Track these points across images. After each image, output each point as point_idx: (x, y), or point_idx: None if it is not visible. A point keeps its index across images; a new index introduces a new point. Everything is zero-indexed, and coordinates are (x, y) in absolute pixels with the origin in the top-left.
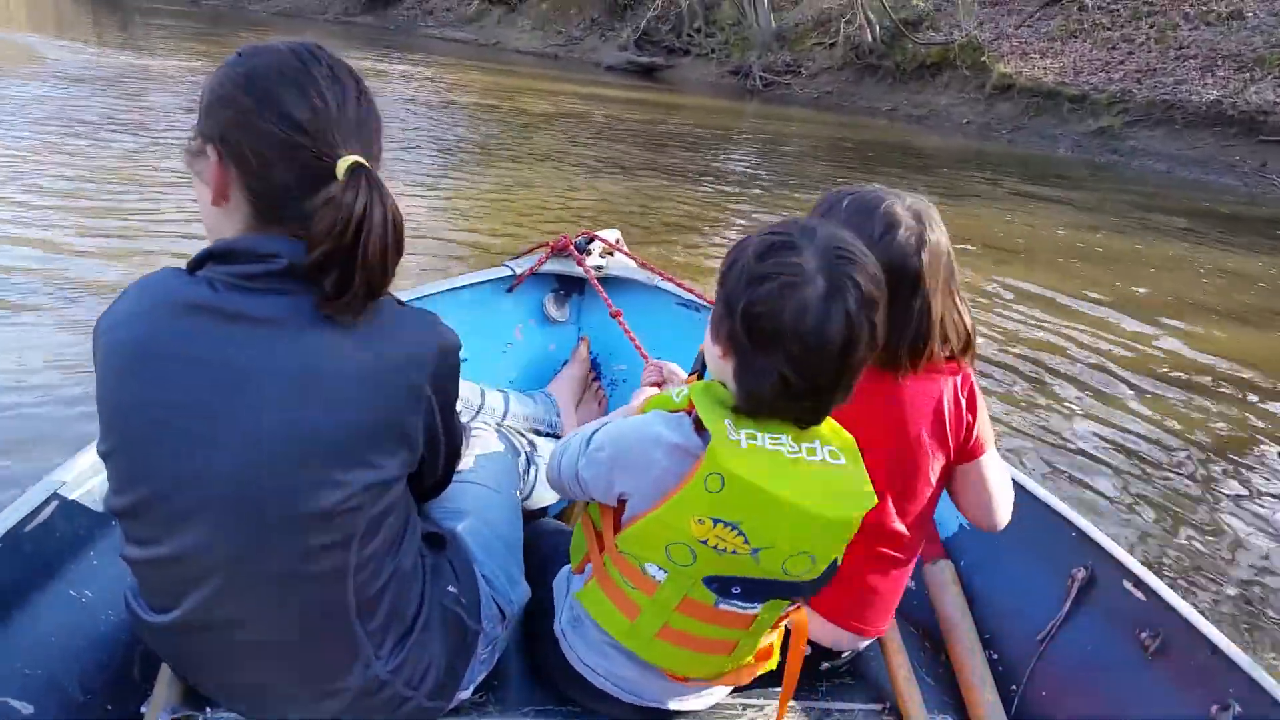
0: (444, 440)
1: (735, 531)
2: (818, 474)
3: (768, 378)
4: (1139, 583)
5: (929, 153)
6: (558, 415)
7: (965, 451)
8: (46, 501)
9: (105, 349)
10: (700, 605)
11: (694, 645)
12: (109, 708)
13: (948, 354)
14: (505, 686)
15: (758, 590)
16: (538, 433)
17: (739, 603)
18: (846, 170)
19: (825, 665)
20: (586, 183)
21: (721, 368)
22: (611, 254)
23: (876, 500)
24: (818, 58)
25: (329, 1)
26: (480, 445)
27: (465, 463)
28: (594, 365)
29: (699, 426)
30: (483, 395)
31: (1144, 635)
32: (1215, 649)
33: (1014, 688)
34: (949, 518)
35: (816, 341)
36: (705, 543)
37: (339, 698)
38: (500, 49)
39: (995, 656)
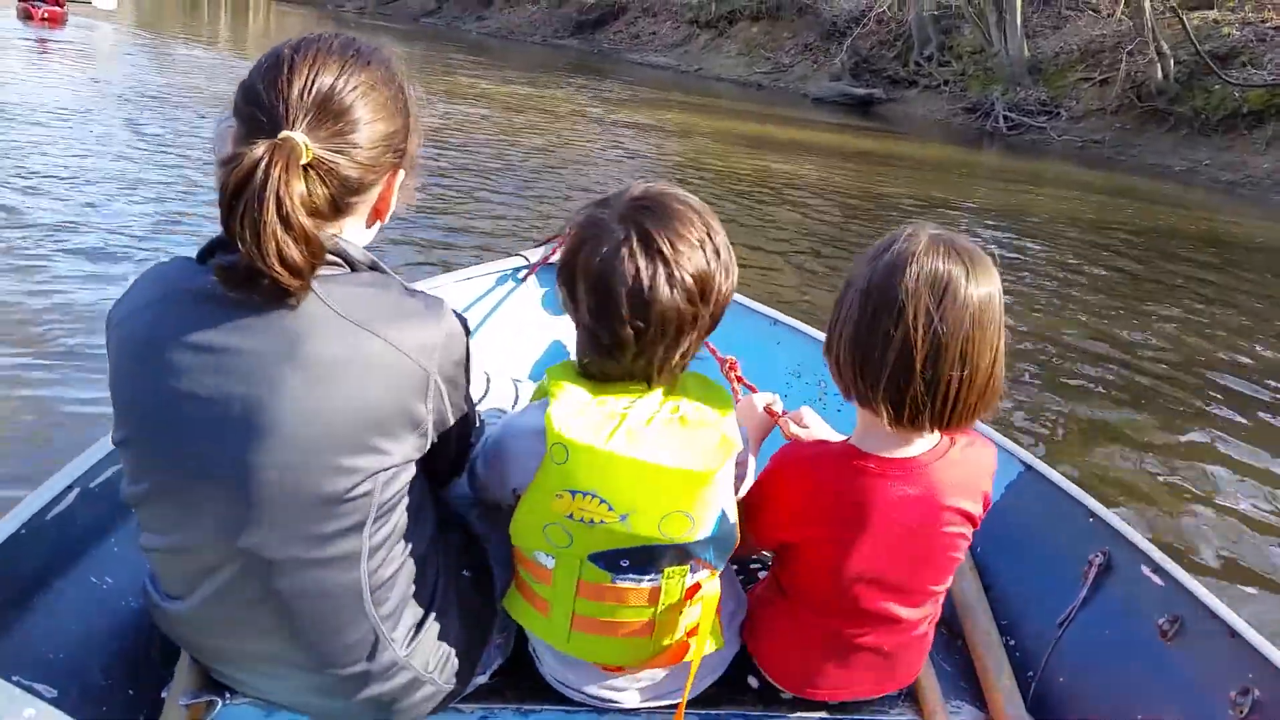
0: (454, 426)
1: (596, 500)
2: (670, 429)
3: (583, 330)
4: (1156, 567)
5: (1245, 243)
6: None
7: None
8: (68, 489)
9: (117, 339)
10: (598, 586)
11: (609, 631)
12: (130, 692)
13: (931, 417)
14: (523, 671)
15: (646, 559)
16: None
17: (634, 575)
18: (1121, 270)
19: None
20: (771, 267)
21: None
22: None
23: (738, 446)
24: (1083, 96)
25: (539, 24)
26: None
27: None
28: None
29: None
30: (488, 381)
31: (1162, 620)
32: (1234, 633)
33: (1031, 674)
34: None
35: (605, 286)
36: (572, 517)
37: (355, 681)
38: (701, 76)
39: (1012, 643)
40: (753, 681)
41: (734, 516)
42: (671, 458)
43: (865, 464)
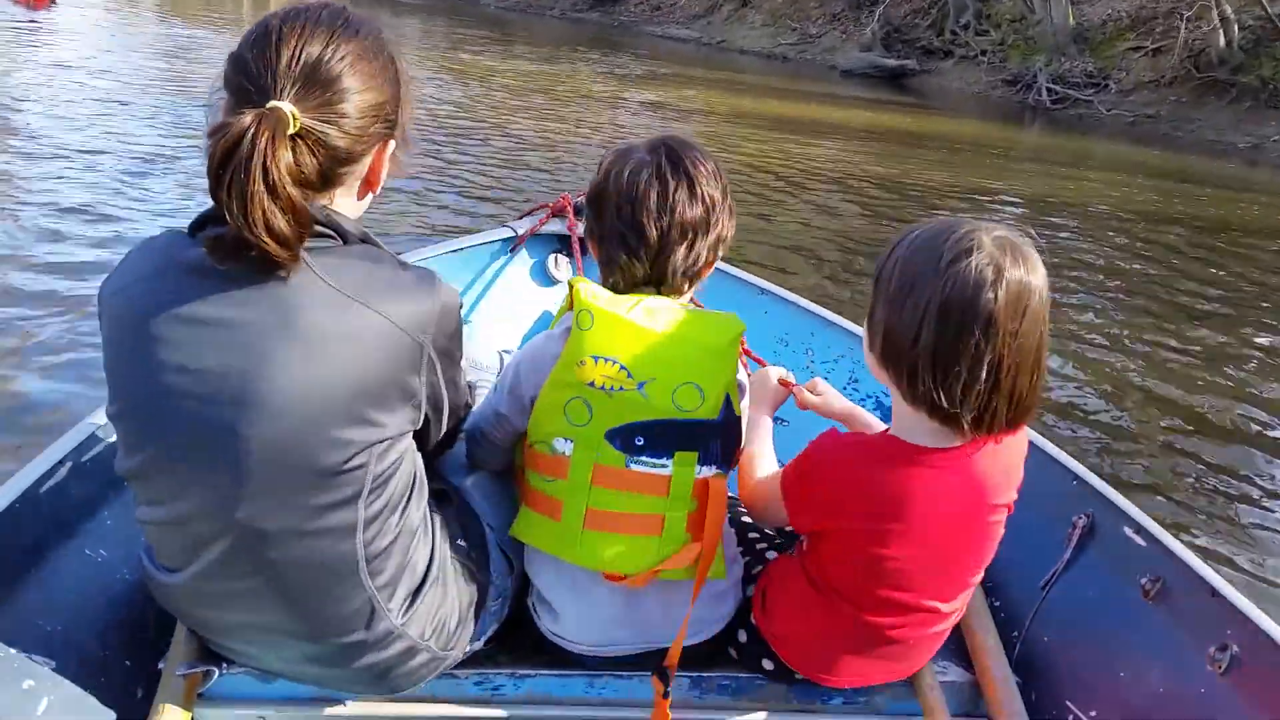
0: (448, 398)
1: (617, 366)
2: (680, 313)
3: (611, 239)
4: (1139, 529)
5: None
6: None
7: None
8: (61, 462)
9: (110, 313)
10: (613, 471)
11: (621, 526)
12: (127, 663)
13: (1008, 418)
14: (517, 637)
15: (661, 438)
16: None
17: (648, 458)
18: (1182, 272)
19: None
20: (796, 259)
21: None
22: None
23: (742, 326)
24: (1134, 67)
25: None
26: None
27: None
28: None
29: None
30: (500, 358)
31: (1144, 580)
32: (1215, 592)
33: (1016, 634)
34: None
35: (630, 194)
36: (593, 385)
37: (352, 650)
38: (724, 49)
39: (998, 603)
40: (767, 664)
41: (738, 410)
42: (684, 330)
43: (909, 455)
